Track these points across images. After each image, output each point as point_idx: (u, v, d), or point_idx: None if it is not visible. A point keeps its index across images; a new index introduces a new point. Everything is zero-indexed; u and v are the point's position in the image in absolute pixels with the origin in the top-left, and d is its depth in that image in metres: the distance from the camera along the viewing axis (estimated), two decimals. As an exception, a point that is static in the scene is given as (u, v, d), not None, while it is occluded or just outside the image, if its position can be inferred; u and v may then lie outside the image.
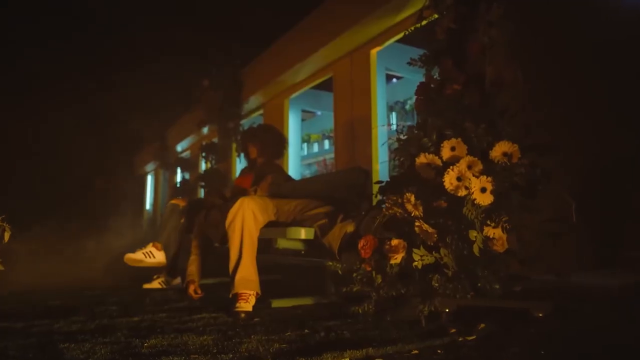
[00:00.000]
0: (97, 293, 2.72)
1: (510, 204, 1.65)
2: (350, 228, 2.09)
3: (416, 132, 2.03)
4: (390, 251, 1.80)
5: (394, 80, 4.92)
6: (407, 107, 4.59)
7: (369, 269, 1.89)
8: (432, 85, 2.24)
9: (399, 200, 1.83)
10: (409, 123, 3.30)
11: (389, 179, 2.13)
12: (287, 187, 2.75)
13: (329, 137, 5.54)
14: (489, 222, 1.66)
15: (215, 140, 6.39)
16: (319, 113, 6.11)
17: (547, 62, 2.44)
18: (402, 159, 2.00)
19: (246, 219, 2.20)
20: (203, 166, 6.86)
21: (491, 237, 1.66)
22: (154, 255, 2.87)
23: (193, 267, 2.62)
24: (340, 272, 1.96)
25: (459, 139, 1.83)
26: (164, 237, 2.98)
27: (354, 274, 1.92)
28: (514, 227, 1.69)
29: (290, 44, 4.73)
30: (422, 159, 1.87)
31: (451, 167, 1.76)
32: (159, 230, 3.02)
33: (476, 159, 1.76)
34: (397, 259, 1.80)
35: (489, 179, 1.70)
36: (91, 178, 10.16)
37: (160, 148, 8.66)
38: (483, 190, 1.69)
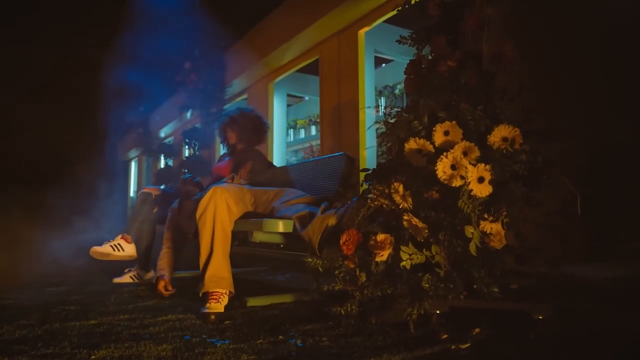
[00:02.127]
0: (60, 290, 2.51)
1: (511, 196, 1.46)
2: (332, 221, 1.89)
3: (406, 114, 1.83)
4: (375, 247, 1.61)
5: (384, 64, 4.72)
6: (397, 91, 4.39)
7: (352, 266, 1.71)
8: (423, 66, 2.05)
9: (386, 191, 1.64)
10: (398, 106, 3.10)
11: (376, 167, 1.94)
12: (267, 175, 2.55)
13: (315, 123, 5.33)
14: (486, 216, 1.47)
15: (198, 125, 6.15)
16: (306, 98, 5.90)
17: (547, 41, 2.25)
18: (389, 144, 1.80)
19: (218, 210, 1.99)
20: (187, 153, 6.62)
21: (488, 232, 1.47)
22: (123, 248, 2.65)
23: (164, 261, 2.41)
24: (320, 269, 1.77)
25: (454, 122, 1.62)
26: (134, 229, 2.77)
27: (336, 272, 1.74)
28: (514, 220, 1.51)
29: (275, 23, 4.48)
30: (412, 144, 1.67)
31: (445, 153, 1.56)
32: (130, 221, 2.80)
33: (473, 144, 1.56)
34: (383, 255, 1.61)
35: (487, 167, 1.50)
36: (72, 164, 9.81)
37: (143, 134, 8.37)
38: (481, 180, 1.50)
